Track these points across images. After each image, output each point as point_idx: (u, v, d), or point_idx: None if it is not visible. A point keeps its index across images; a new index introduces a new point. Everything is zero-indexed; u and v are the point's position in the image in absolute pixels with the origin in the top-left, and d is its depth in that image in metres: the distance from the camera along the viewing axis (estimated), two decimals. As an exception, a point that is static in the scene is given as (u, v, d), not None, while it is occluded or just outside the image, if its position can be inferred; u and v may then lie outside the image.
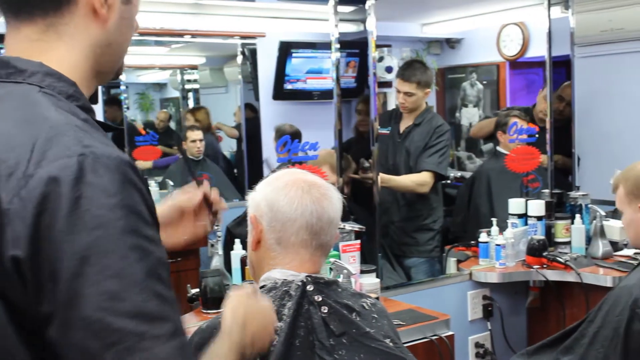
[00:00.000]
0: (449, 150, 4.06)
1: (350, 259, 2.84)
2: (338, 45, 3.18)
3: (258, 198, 1.73)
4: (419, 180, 3.83)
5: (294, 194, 1.69)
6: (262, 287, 1.71)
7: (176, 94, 5.32)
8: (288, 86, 4.79)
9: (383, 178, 3.71)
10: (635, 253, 3.45)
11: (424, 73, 3.91)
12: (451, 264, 3.73)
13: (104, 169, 0.95)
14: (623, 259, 3.48)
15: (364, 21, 3.33)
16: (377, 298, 2.74)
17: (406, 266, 3.94)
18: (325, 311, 1.65)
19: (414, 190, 3.86)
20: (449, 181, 5.10)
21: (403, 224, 3.95)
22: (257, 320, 1.49)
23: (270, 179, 1.76)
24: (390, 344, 1.71)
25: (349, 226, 2.89)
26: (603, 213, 3.62)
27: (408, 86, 3.88)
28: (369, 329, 1.68)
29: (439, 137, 3.89)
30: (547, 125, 3.94)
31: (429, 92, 4.02)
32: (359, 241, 2.91)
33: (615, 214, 3.46)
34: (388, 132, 4.05)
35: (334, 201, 1.74)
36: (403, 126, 4.01)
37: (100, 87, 3.75)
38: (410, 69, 3.92)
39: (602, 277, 3.28)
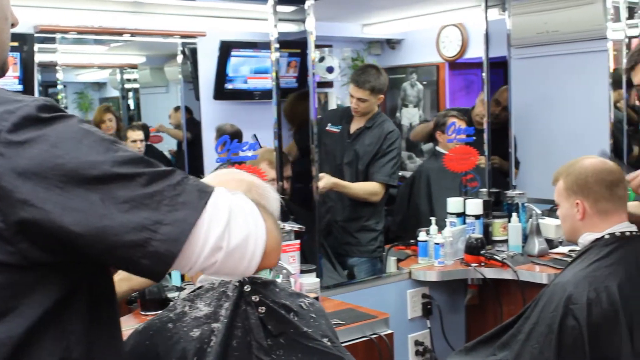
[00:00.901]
0: (400, 157, 4.09)
1: (290, 259, 2.84)
2: (277, 45, 3.18)
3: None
4: (371, 190, 3.86)
5: (231, 194, 1.68)
6: (199, 288, 1.70)
7: (116, 93, 5.23)
8: (229, 86, 4.75)
9: (338, 184, 3.74)
10: (570, 250, 3.53)
11: (377, 79, 3.90)
12: (391, 263, 3.77)
13: None
14: (558, 256, 3.56)
15: (304, 21, 3.33)
16: (317, 298, 2.75)
17: (349, 266, 3.96)
18: (263, 311, 1.64)
19: (366, 200, 3.89)
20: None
21: (346, 224, 3.97)
22: None
23: (208, 179, 1.75)
24: (328, 343, 1.71)
25: (288, 226, 2.89)
26: (539, 211, 3.70)
27: (362, 92, 3.88)
28: (306, 329, 1.69)
29: (391, 144, 3.91)
30: (485, 126, 3.99)
31: (383, 98, 4.03)
32: (298, 241, 2.91)
33: (552, 213, 3.53)
34: (338, 130, 4.06)
35: (272, 201, 1.74)
36: (354, 127, 4.02)
37: (37, 86, 3.68)
38: (365, 75, 3.90)
39: (538, 274, 3.34)
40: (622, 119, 4.12)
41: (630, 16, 4.25)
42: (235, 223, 1.15)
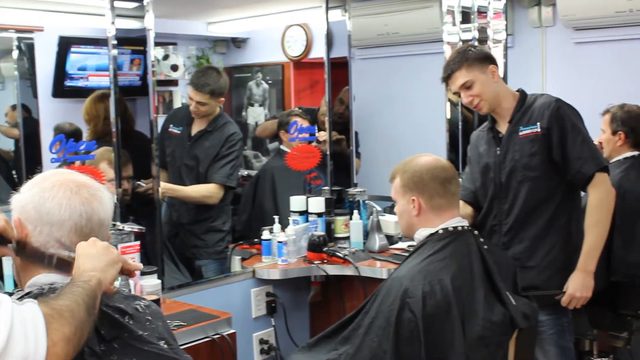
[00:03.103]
0: (240, 159, 4.05)
1: (130, 261, 2.76)
2: (115, 42, 3.09)
3: (24, 200, 1.64)
4: (207, 192, 3.80)
5: (62, 195, 1.62)
6: (27, 293, 1.62)
7: (-51, 89, 4.94)
8: (69, 83, 4.58)
9: (167, 188, 3.65)
10: (409, 246, 3.64)
11: (217, 82, 3.81)
12: (235, 262, 3.75)
13: None
14: (398, 252, 3.67)
15: (144, 18, 3.25)
16: (158, 299, 2.70)
17: (197, 267, 3.91)
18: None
19: (201, 202, 3.83)
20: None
21: (192, 226, 3.91)
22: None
23: (37, 180, 1.68)
24: (165, 346, 1.68)
25: (127, 227, 2.82)
26: (379, 208, 3.80)
27: (201, 96, 3.79)
28: (141, 332, 1.65)
29: (232, 146, 3.85)
30: (326, 125, 4.05)
31: (223, 101, 3.94)
32: (138, 242, 2.84)
33: (392, 209, 3.63)
34: (179, 132, 3.97)
35: (105, 202, 1.69)
36: (195, 129, 3.93)
37: None
38: (204, 78, 3.80)
39: (379, 269, 3.43)
40: (458, 117, 4.32)
41: (465, 20, 4.43)
42: (13, 341, 1.19)
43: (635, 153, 3.63)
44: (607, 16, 4.30)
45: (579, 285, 2.81)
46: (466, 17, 4.43)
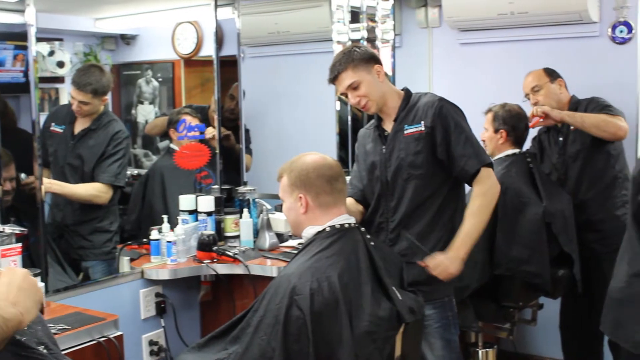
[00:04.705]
0: (127, 158, 3.96)
1: (12, 263, 2.68)
2: (-6, 37, 2.98)
3: None
4: (95, 192, 3.72)
5: None
6: None
7: None
8: (-57, 79, 4.38)
9: (54, 184, 3.56)
10: (299, 243, 3.66)
11: (100, 80, 3.73)
12: (124, 263, 3.68)
13: None
14: (288, 250, 3.69)
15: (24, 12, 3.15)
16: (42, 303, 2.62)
17: (84, 269, 3.81)
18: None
19: (89, 201, 3.74)
20: (125, 179, 5.04)
21: (78, 227, 3.81)
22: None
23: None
24: (44, 351, 1.64)
25: (8, 229, 2.73)
26: (269, 207, 3.81)
27: (83, 95, 3.70)
28: (19, 337, 1.60)
29: (118, 144, 3.79)
30: (215, 123, 4.03)
31: (107, 99, 3.85)
32: (20, 244, 2.75)
33: (282, 208, 3.64)
34: (62, 131, 3.86)
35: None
36: (78, 128, 3.83)
37: None
38: (86, 77, 3.72)
39: (269, 267, 3.44)
40: (347, 115, 4.40)
41: (354, 20, 4.50)
42: None
43: (516, 151, 3.77)
44: (490, 18, 4.44)
45: (443, 262, 2.80)
46: (355, 17, 4.51)
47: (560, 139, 3.95)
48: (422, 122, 2.90)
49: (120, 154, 3.78)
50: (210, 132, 4.06)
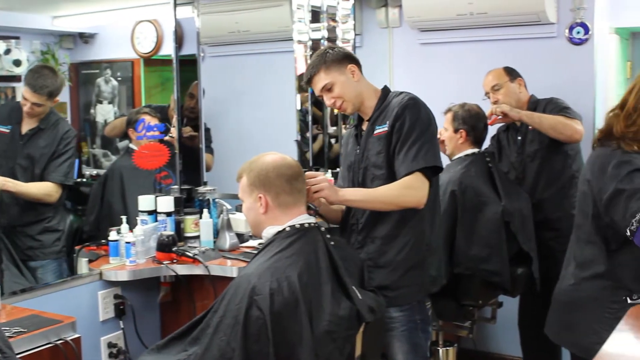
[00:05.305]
0: (75, 157, 3.95)
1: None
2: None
3: None
4: (47, 190, 3.72)
5: None
6: None
7: None
8: None
9: (9, 183, 3.54)
10: (259, 244, 3.64)
11: (55, 83, 3.72)
12: (82, 265, 3.64)
13: None
14: (249, 250, 3.67)
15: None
16: (-4, 306, 2.58)
17: (33, 269, 3.77)
18: None
19: (42, 200, 3.73)
20: (84, 179, 5.00)
21: (26, 227, 3.78)
22: None
23: None
24: (-3, 354, 1.61)
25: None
26: (230, 207, 3.79)
27: (38, 97, 3.68)
28: (-29, 341, 1.57)
29: (68, 144, 3.79)
30: (174, 123, 4.00)
31: (58, 100, 3.84)
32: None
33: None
34: (8, 131, 3.81)
35: None
36: (25, 128, 3.80)
37: None
38: (41, 79, 3.69)
39: (229, 268, 3.42)
40: (308, 114, 4.40)
41: (315, 20, 4.51)
42: None
43: (476, 150, 3.80)
44: (450, 18, 4.47)
45: (326, 183, 2.72)
46: (316, 16, 4.51)
47: (519, 138, 3.99)
48: (387, 122, 2.85)
49: (70, 153, 3.79)
50: (174, 131, 4.05)
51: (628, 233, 2.38)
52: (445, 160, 3.25)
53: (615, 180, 2.43)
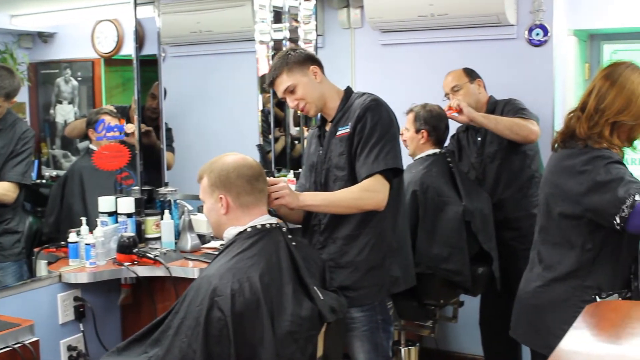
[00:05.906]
0: (32, 157, 3.88)
1: None
2: None
3: None
4: (3, 190, 3.63)
5: None
6: None
7: None
8: None
9: None
10: (221, 244, 3.62)
11: (12, 84, 3.64)
12: (41, 267, 3.58)
13: None
14: (210, 251, 3.65)
15: None
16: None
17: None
18: None
19: None
20: (43, 180, 4.94)
21: None
22: None
23: None
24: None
25: None
26: (191, 208, 3.76)
27: None
28: None
29: (25, 144, 3.72)
30: (134, 122, 3.97)
31: (16, 101, 3.75)
32: None
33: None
34: None
35: None
36: None
37: None
38: None
39: (191, 269, 3.40)
40: (270, 114, 4.39)
41: (277, 20, 4.51)
42: None
43: (437, 150, 3.82)
44: (411, 19, 4.49)
45: (287, 190, 2.70)
46: (278, 17, 4.51)
47: (479, 139, 4.03)
48: (350, 124, 2.85)
49: (27, 152, 3.72)
50: (131, 127, 4.00)
51: (618, 220, 2.37)
52: (407, 160, 3.28)
53: (592, 174, 2.44)
